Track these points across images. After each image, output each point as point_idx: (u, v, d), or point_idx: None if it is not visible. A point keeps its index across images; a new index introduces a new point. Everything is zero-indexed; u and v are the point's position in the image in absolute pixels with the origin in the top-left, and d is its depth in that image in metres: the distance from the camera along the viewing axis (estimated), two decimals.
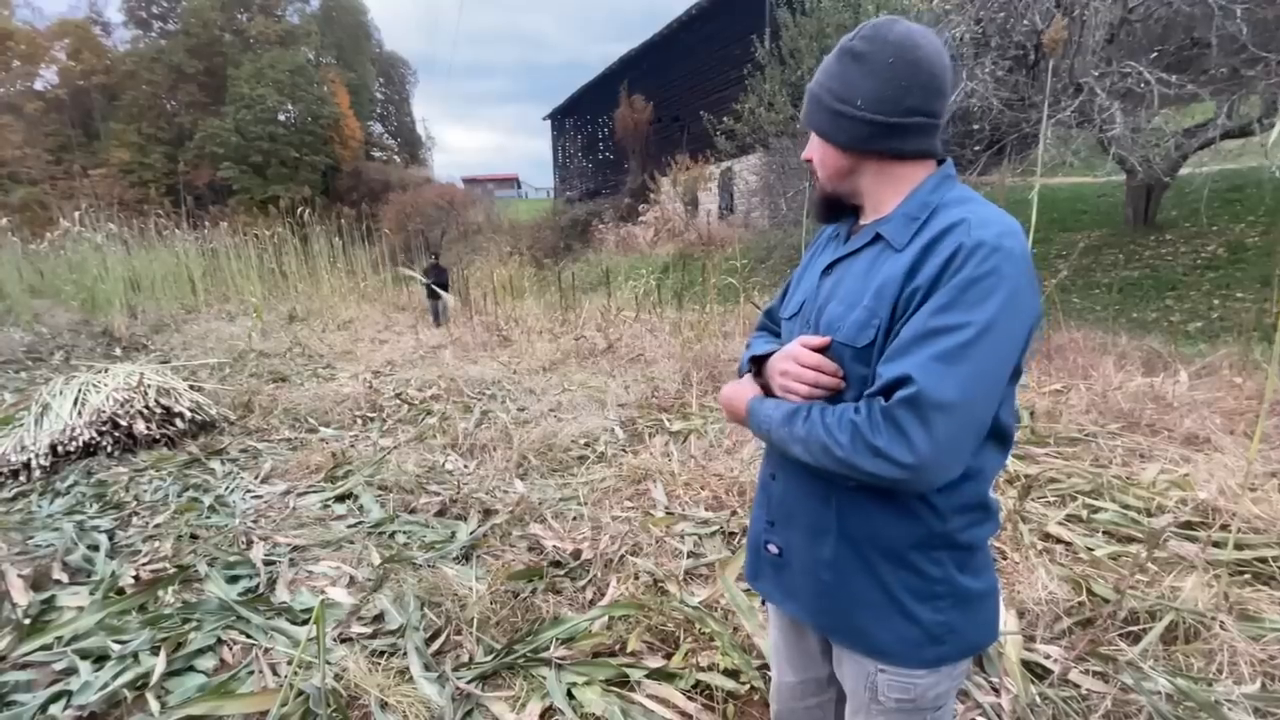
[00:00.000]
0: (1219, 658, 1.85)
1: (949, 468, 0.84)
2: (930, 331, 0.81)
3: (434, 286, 10.32)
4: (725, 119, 13.83)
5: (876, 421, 0.83)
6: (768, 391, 1.03)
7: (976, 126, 8.28)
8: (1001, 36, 7.94)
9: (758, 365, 1.07)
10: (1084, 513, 2.70)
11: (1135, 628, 2.00)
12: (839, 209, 1.04)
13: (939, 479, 0.85)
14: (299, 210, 14.77)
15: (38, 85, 34.59)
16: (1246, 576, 2.23)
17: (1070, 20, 7.04)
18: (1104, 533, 2.57)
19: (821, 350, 0.95)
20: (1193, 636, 1.95)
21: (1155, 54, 7.28)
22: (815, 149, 1.00)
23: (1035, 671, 1.88)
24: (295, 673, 1.90)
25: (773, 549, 1.08)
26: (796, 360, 0.95)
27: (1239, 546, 2.29)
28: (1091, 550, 2.41)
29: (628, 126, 21.66)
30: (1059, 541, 2.50)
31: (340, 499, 3.47)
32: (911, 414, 0.80)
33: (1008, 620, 2.00)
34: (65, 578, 2.69)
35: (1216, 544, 2.29)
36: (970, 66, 7.88)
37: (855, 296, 0.93)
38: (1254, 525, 2.47)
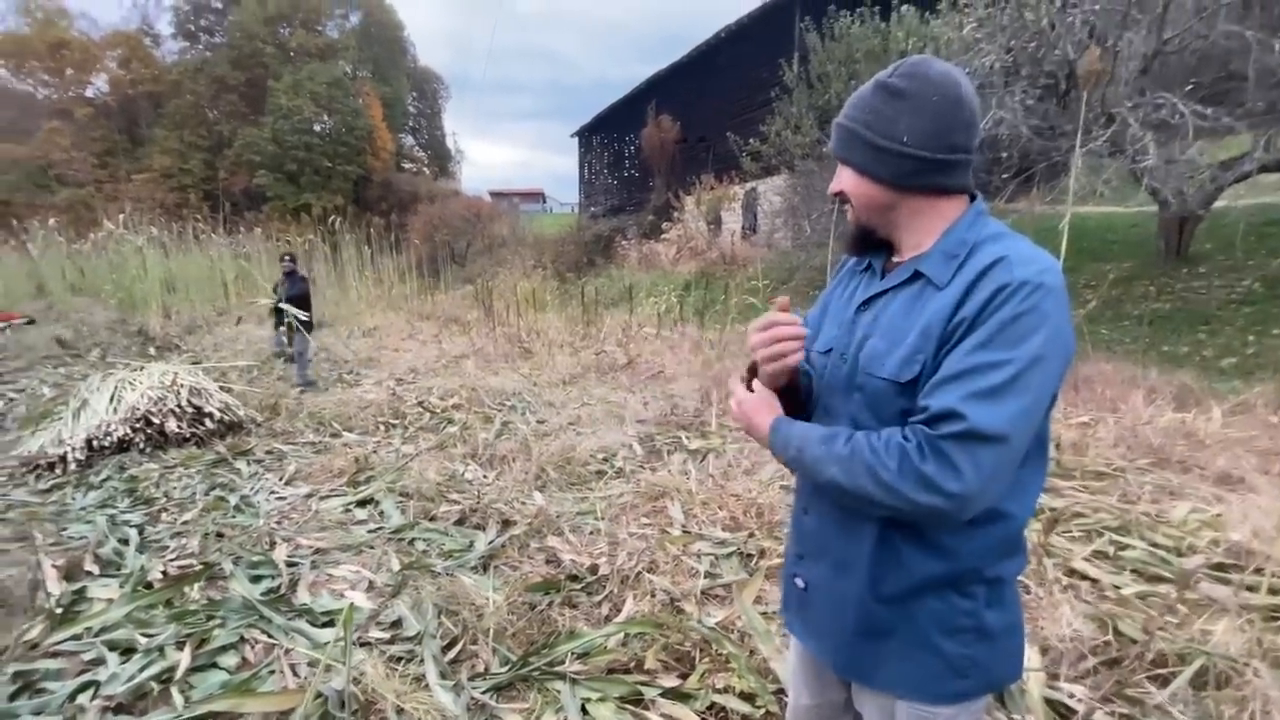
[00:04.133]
0: (1251, 706, 1.78)
1: (989, 499, 0.86)
2: (974, 367, 0.83)
3: (284, 306, 6.59)
4: (751, 141, 13.89)
5: (924, 450, 0.84)
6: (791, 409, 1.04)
7: (1005, 154, 8.23)
8: (1032, 65, 7.91)
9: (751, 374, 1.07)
10: (1111, 549, 2.64)
11: (1163, 670, 1.95)
12: (872, 243, 1.04)
13: (978, 510, 0.87)
14: (330, 218, 15.12)
15: (89, 93, 36.01)
16: None
17: (1104, 51, 7.01)
18: (1132, 571, 2.51)
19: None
20: (1224, 683, 1.89)
21: (1190, 86, 7.19)
22: (850, 183, 1.00)
23: (1059, 710, 1.84)
24: (320, 674, 1.93)
25: (799, 583, 1.09)
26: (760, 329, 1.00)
27: (1273, 591, 2.22)
28: (1118, 588, 2.35)
29: (654, 145, 21.86)
30: (1084, 578, 2.45)
31: (362, 504, 3.53)
32: (959, 447, 0.82)
33: (1030, 657, 1.96)
34: (96, 569, 2.77)
35: (1250, 588, 2.23)
36: (1000, 95, 7.85)
37: (898, 333, 0.94)
38: None
